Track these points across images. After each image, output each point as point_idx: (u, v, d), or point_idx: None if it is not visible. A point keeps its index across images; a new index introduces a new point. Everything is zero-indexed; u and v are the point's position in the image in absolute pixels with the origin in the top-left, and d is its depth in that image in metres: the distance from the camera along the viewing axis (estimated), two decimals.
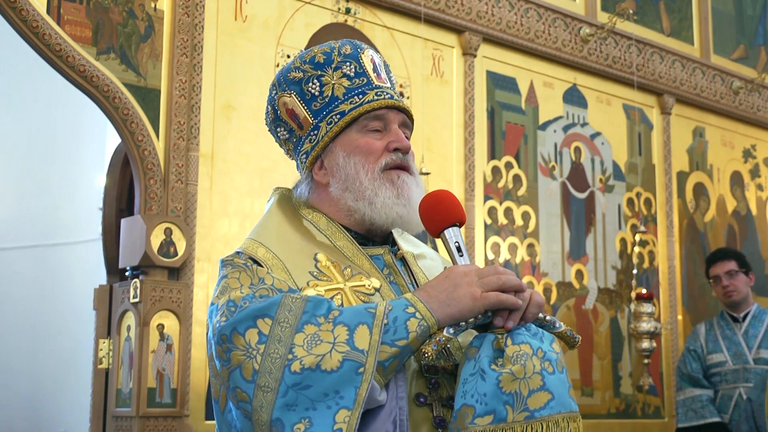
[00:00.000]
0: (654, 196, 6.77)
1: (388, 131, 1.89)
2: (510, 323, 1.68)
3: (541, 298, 1.73)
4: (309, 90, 1.89)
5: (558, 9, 6.22)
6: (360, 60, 1.91)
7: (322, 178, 1.91)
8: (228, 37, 4.83)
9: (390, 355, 1.62)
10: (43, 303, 7.40)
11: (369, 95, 1.88)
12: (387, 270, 1.88)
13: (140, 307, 4.34)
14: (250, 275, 1.75)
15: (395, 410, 1.66)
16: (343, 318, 1.63)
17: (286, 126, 1.95)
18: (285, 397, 1.57)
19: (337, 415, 1.56)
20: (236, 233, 4.71)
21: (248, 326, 1.63)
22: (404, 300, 1.68)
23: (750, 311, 5.51)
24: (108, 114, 4.45)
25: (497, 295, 1.66)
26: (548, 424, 1.60)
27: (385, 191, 1.85)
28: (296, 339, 1.60)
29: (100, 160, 6.97)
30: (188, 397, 4.43)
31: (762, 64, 7.73)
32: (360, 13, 5.34)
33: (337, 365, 1.58)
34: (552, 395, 1.61)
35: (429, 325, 1.64)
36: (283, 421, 1.57)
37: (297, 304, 1.64)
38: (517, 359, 1.63)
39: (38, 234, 7.55)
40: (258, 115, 4.87)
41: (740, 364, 5.39)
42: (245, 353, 1.61)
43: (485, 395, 1.60)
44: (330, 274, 1.81)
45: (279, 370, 1.58)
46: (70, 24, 4.33)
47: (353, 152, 1.87)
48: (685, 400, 5.46)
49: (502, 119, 5.95)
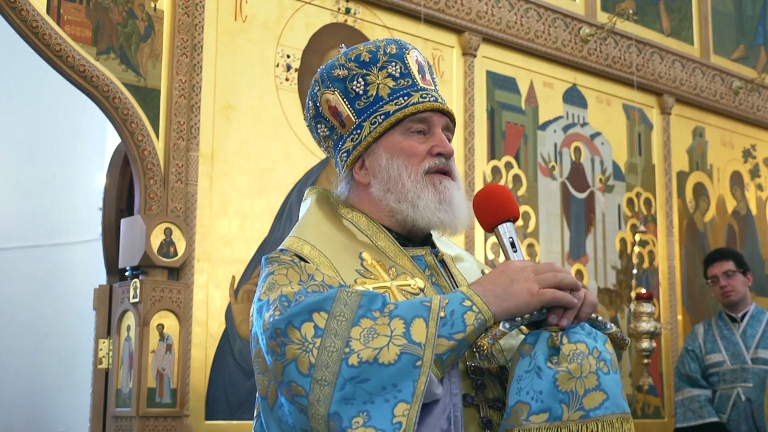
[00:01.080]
0: (654, 196, 6.77)
1: (432, 134, 1.89)
2: (564, 321, 1.67)
3: (594, 298, 1.73)
4: (353, 88, 1.89)
5: (558, 9, 6.22)
6: (405, 60, 1.90)
7: (363, 178, 1.91)
8: (228, 37, 4.83)
9: (447, 348, 1.61)
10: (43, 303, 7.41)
11: (414, 97, 1.88)
12: (429, 271, 1.88)
13: (140, 307, 4.34)
14: (298, 272, 1.74)
15: (449, 407, 1.65)
16: (399, 311, 1.62)
17: (327, 123, 1.95)
18: (342, 391, 1.56)
19: (396, 408, 1.55)
20: (236, 233, 4.71)
21: (304, 320, 1.62)
22: (460, 293, 1.67)
23: (748, 311, 5.51)
24: (108, 114, 4.45)
25: (554, 292, 1.66)
26: (603, 424, 1.60)
27: (427, 194, 1.85)
28: (353, 332, 1.59)
29: (100, 160, 6.97)
30: (188, 397, 4.43)
31: (762, 64, 7.73)
32: (360, 13, 5.34)
33: (395, 358, 1.57)
34: (607, 395, 1.61)
35: (486, 318, 1.64)
36: (341, 414, 1.55)
37: (352, 298, 1.64)
38: (573, 358, 1.62)
39: (38, 234, 7.55)
40: (258, 115, 4.87)
41: (738, 364, 5.39)
42: (301, 347, 1.60)
43: (541, 393, 1.60)
44: (376, 273, 1.81)
45: (336, 363, 1.57)
46: (70, 24, 4.33)
47: (396, 154, 1.87)
48: (683, 400, 5.46)
49: (502, 119, 5.95)
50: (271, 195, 4.87)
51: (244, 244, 4.73)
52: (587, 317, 1.71)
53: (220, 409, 4.56)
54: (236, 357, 4.63)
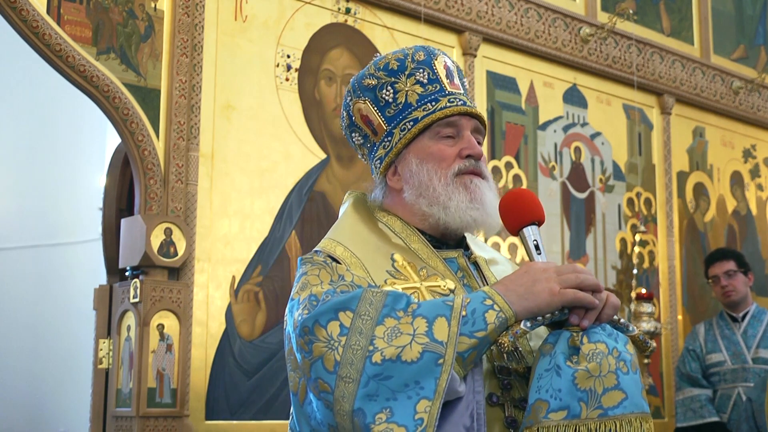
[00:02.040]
0: (654, 196, 6.77)
1: (461, 137, 1.92)
2: (585, 322, 1.69)
3: (617, 300, 1.74)
4: (383, 97, 1.93)
5: (558, 9, 6.22)
6: (433, 66, 1.93)
7: (396, 183, 1.95)
8: (228, 37, 4.83)
9: (469, 346, 1.64)
10: (43, 303, 7.41)
11: (442, 102, 1.91)
12: (461, 273, 1.91)
13: (140, 307, 4.34)
14: (330, 272, 1.79)
15: (472, 404, 1.68)
16: (422, 311, 1.66)
17: (360, 132, 1.99)
18: (366, 388, 1.60)
19: (418, 405, 1.58)
20: (236, 233, 4.71)
21: (330, 318, 1.66)
22: (482, 293, 1.70)
23: (749, 311, 5.51)
24: (108, 114, 4.45)
25: (575, 292, 1.68)
26: (621, 423, 1.62)
27: (458, 196, 1.88)
28: (377, 331, 1.63)
29: (100, 160, 6.98)
30: (188, 397, 4.43)
31: (762, 64, 7.73)
32: (360, 13, 5.34)
33: (417, 356, 1.60)
34: (626, 395, 1.63)
35: (507, 317, 1.66)
36: (364, 410, 1.59)
37: (378, 298, 1.68)
38: (592, 357, 1.64)
39: (38, 234, 7.55)
40: (258, 115, 4.87)
41: (739, 363, 5.39)
42: (327, 345, 1.64)
43: (560, 391, 1.62)
44: (407, 274, 1.85)
45: (360, 361, 1.61)
46: (70, 24, 4.33)
47: (426, 159, 1.90)
48: (684, 400, 5.46)
49: (502, 119, 5.95)
50: (271, 195, 4.86)
51: (244, 244, 4.73)
52: (609, 319, 1.73)
53: (220, 409, 4.56)
54: (236, 357, 4.63)
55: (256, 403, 4.64)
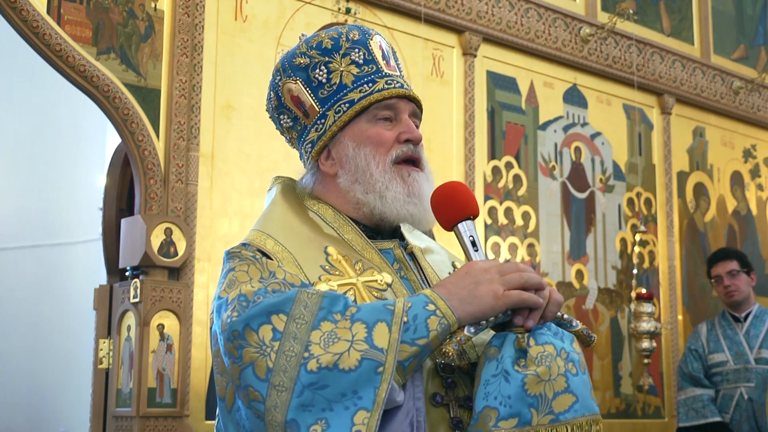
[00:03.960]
0: (654, 196, 6.77)
1: (399, 121, 1.84)
2: (530, 322, 1.63)
3: (560, 296, 1.68)
4: (316, 77, 1.82)
5: (558, 9, 6.22)
6: (369, 46, 1.84)
7: (330, 168, 1.84)
8: (228, 37, 4.83)
9: (410, 355, 1.56)
10: (43, 303, 7.41)
11: (379, 84, 1.82)
12: (397, 265, 1.82)
13: (140, 307, 4.34)
14: (260, 268, 1.68)
15: (412, 411, 1.60)
16: (361, 315, 1.56)
17: (290, 113, 1.89)
18: (300, 397, 1.50)
19: (356, 416, 1.49)
20: (236, 233, 4.71)
21: (262, 322, 1.56)
22: (423, 297, 1.61)
23: (751, 311, 5.51)
24: (108, 114, 4.45)
25: (519, 293, 1.61)
26: (572, 428, 1.57)
27: (395, 186, 1.79)
28: (312, 336, 1.53)
29: (100, 160, 6.98)
30: (188, 397, 4.43)
31: (762, 64, 7.73)
32: (360, 13, 5.34)
33: (356, 364, 1.51)
34: (576, 398, 1.58)
35: (450, 323, 1.58)
36: (298, 422, 1.50)
37: (313, 300, 1.58)
38: (541, 360, 1.58)
39: (38, 234, 7.55)
40: (258, 115, 4.87)
41: (741, 363, 5.39)
42: (258, 350, 1.54)
43: (509, 397, 1.56)
44: (342, 269, 1.74)
45: (294, 368, 1.51)
46: (71, 24, 4.33)
47: (363, 143, 1.81)
48: (686, 400, 5.46)
49: (502, 119, 5.95)
50: None
51: None
52: (553, 316, 1.67)
53: None
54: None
55: None
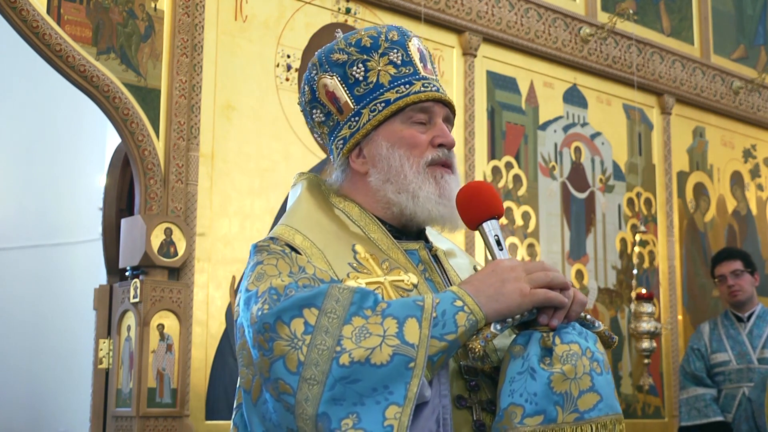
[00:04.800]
0: (654, 196, 6.77)
1: (433, 125, 1.84)
2: (555, 321, 1.64)
3: (584, 297, 1.70)
4: (353, 74, 1.83)
5: (558, 9, 6.22)
6: (407, 48, 1.85)
7: (360, 166, 1.85)
8: (228, 37, 4.83)
9: (438, 350, 1.56)
10: (43, 303, 7.41)
11: (416, 86, 1.83)
12: (422, 266, 1.82)
13: (140, 307, 4.34)
14: (289, 263, 1.68)
15: (438, 408, 1.60)
16: (392, 310, 1.57)
17: (323, 108, 1.87)
18: (332, 391, 1.51)
19: (387, 411, 1.50)
20: (236, 233, 4.71)
21: (294, 315, 1.56)
22: (451, 293, 1.62)
23: (755, 311, 5.52)
24: (108, 114, 4.45)
25: (546, 292, 1.62)
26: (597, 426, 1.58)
27: (428, 187, 1.80)
28: (344, 331, 1.54)
29: (100, 160, 6.98)
30: (188, 397, 4.43)
31: (762, 64, 7.73)
32: (360, 13, 5.34)
33: (387, 359, 1.51)
34: (600, 397, 1.59)
35: (477, 319, 1.59)
36: (329, 415, 1.50)
37: (344, 295, 1.58)
38: (567, 359, 1.59)
39: (39, 234, 7.55)
40: (258, 115, 4.87)
41: (744, 363, 5.39)
42: (290, 343, 1.54)
43: (535, 395, 1.57)
44: (369, 267, 1.75)
45: (326, 362, 1.52)
46: (70, 24, 4.33)
47: (397, 143, 1.81)
48: (688, 399, 5.46)
49: (502, 119, 5.95)
50: (271, 195, 4.87)
51: (245, 244, 4.73)
52: (577, 316, 1.68)
53: (221, 409, 4.55)
54: (236, 357, 4.62)
55: None
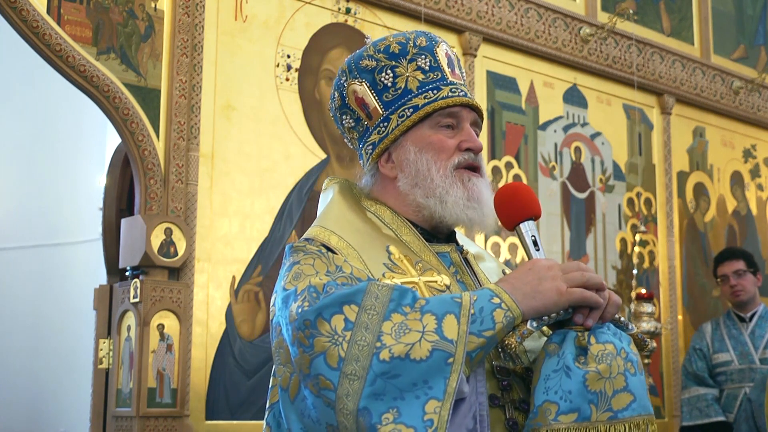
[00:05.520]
0: (654, 196, 6.77)
1: (460, 129, 1.86)
2: (590, 321, 1.66)
3: (618, 298, 1.71)
4: (381, 80, 1.86)
5: (558, 9, 6.22)
6: (435, 53, 1.88)
7: (389, 171, 1.88)
8: (228, 37, 4.83)
9: (477, 346, 1.59)
10: (43, 303, 7.41)
11: (444, 91, 1.85)
12: (454, 268, 1.85)
13: (140, 307, 4.34)
14: (326, 262, 1.71)
15: (475, 405, 1.63)
16: (430, 307, 1.59)
17: (353, 114, 1.91)
18: (373, 386, 1.53)
19: (427, 405, 1.52)
20: (236, 233, 4.71)
21: (334, 312, 1.58)
22: (488, 291, 1.65)
23: (757, 311, 5.52)
24: (108, 114, 4.45)
25: (582, 291, 1.65)
26: (630, 426, 1.60)
27: (456, 190, 1.82)
28: (384, 327, 1.56)
29: (100, 160, 6.98)
30: (188, 397, 4.43)
31: (762, 64, 7.73)
32: (360, 13, 5.34)
33: (427, 355, 1.54)
34: (634, 397, 1.61)
35: (514, 316, 1.62)
36: (370, 410, 1.52)
37: (383, 292, 1.61)
38: (602, 358, 1.61)
39: (39, 234, 7.55)
40: (258, 115, 4.87)
41: (746, 363, 5.39)
42: (330, 340, 1.56)
43: (570, 392, 1.59)
44: (404, 267, 1.78)
45: (367, 358, 1.54)
46: (71, 24, 4.33)
47: (425, 148, 1.84)
48: (690, 399, 5.46)
49: (502, 119, 5.95)
50: (271, 195, 4.87)
51: (245, 244, 4.73)
52: (611, 317, 1.70)
53: (221, 409, 4.56)
54: (236, 357, 4.63)
55: (256, 403, 4.64)
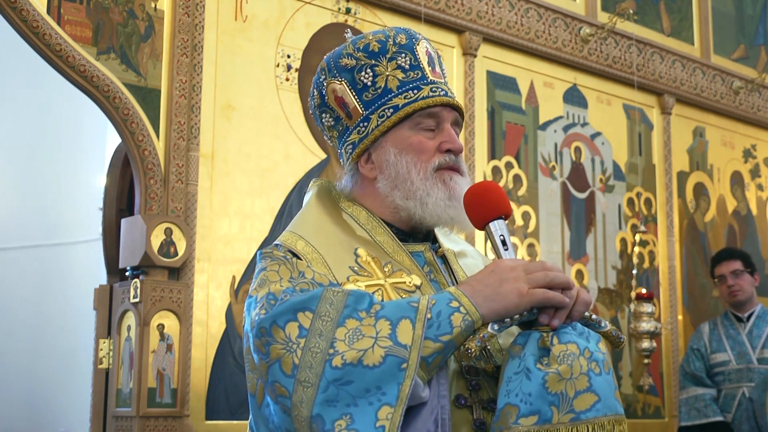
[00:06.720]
0: (654, 196, 6.77)
1: (441, 130, 1.84)
2: (556, 321, 1.63)
3: (588, 296, 1.69)
4: (361, 79, 1.83)
5: (558, 9, 6.22)
6: (415, 51, 1.84)
7: (369, 172, 1.85)
8: (228, 37, 4.83)
9: (433, 351, 1.57)
10: (43, 303, 7.41)
11: (424, 91, 1.82)
12: (427, 267, 1.83)
13: (140, 307, 4.34)
14: (290, 268, 1.70)
15: (437, 409, 1.61)
16: (385, 312, 1.58)
17: (332, 113, 1.89)
18: (326, 393, 1.52)
19: (380, 411, 1.51)
20: (236, 233, 4.71)
21: (288, 319, 1.58)
22: (448, 294, 1.63)
23: (754, 311, 5.52)
24: (108, 114, 4.45)
25: (544, 292, 1.62)
26: (593, 427, 1.56)
27: (437, 192, 1.80)
28: (337, 333, 1.56)
29: (100, 160, 6.98)
30: (188, 397, 4.43)
31: (762, 64, 7.73)
32: (360, 13, 5.34)
33: (380, 360, 1.53)
34: (598, 397, 1.58)
35: (473, 320, 1.59)
36: (323, 417, 1.52)
37: (338, 298, 1.60)
38: (563, 359, 1.59)
39: (39, 234, 7.56)
40: (258, 115, 4.88)
41: (744, 363, 5.40)
42: (285, 347, 1.56)
43: (530, 395, 1.56)
44: (370, 270, 1.76)
45: (320, 364, 1.54)
46: (71, 24, 4.33)
47: (405, 150, 1.81)
48: (688, 399, 5.46)
49: (503, 119, 5.95)
50: (271, 195, 4.87)
51: (245, 244, 4.73)
52: (580, 316, 1.67)
53: (221, 409, 4.56)
54: (237, 357, 4.63)
55: None
